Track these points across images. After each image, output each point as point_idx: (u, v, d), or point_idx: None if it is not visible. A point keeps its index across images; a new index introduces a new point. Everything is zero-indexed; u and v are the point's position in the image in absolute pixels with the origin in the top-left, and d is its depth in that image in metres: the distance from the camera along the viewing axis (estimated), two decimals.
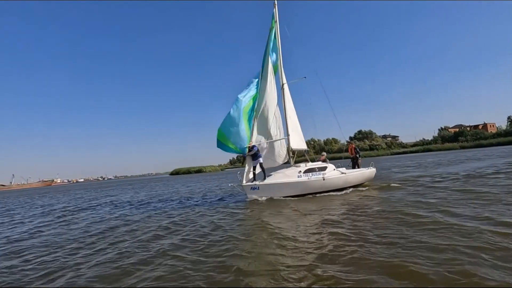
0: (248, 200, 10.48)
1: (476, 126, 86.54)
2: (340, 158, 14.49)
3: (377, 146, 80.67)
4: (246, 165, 11.03)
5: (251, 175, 10.97)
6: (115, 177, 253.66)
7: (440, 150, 64.34)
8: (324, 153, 12.83)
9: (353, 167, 12.88)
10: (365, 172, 12.09)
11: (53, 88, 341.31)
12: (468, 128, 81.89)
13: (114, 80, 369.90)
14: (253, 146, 10.94)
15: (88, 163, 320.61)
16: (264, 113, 11.55)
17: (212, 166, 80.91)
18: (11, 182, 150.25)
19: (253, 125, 11.40)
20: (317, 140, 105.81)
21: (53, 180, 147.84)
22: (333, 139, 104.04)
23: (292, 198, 10.29)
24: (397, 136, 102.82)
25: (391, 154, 70.73)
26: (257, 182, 10.70)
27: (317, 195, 10.62)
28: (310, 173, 10.87)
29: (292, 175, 10.78)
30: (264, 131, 11.64)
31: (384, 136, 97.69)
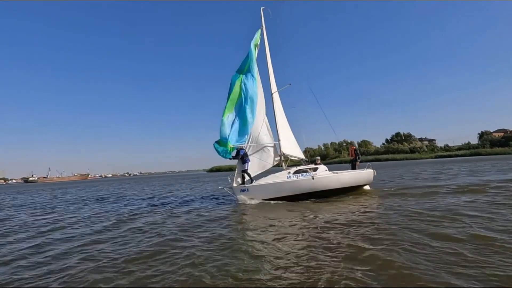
0: (238, 202, 10.38)
1: None
2: (354, 161, 13.11)
3: (418, 149, 79.32)
4: (236, 168, 11.08)
5: (240, 178, 10.87)
6: (140, 173, 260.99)
7: (490, 154, 62.69)
8: (318, 157, 12.30)
9: (353, 169, 12.40)
10: (360, 173, 11.57)
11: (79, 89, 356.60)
12: None
13: (144, 80, 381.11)
14: (240, 149, 10.78)
15: (113, 159, 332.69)
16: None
17: None
18: (47, 175, 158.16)
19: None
20: (350, 141, 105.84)
21: (88, 175, 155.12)
22: (364, 141, 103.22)
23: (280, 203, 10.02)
24: (434, 140, 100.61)
25: (435, 157, 69.50)
26: (246, 185, 10.60)
27: (308, 199, 10.29)
28: (300, 174, 10.68)
29: (282, 176, 10.68)
30: (254, 136, 11.53)
31: (421, 139, 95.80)
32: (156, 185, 30.06)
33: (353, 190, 11.23)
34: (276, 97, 12.23)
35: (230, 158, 10.99)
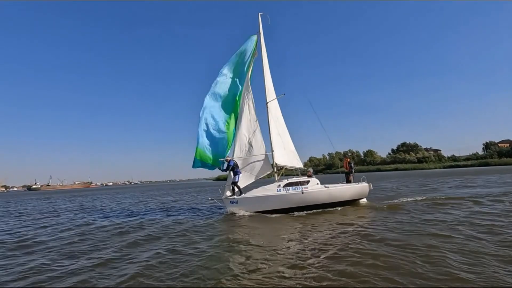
0: (226, 213, 10.54)
1: None
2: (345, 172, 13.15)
3: (426, 159, 79.58)
4: (227, 179, 11.18)
5: (230, 190, 10.93)
6: (140, 181, 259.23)
7: (500, 165, 62.93)
8: (310, 169, 12.16)
9: (347, 182, 12.34)
10: (354, 187, 11.19)
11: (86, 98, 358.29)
12: None
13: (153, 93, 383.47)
14: (230, 160, 10.83)
15: (113, 167, 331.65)
16: (243, 129, 11.45)
17: None
18: (48, 183, 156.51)
19: (234, 140, 11.38)
20: (355, 151, 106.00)
21: (91, 183, 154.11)
22: (370, 151, 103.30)
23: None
24: (439, 150, 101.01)
25: (444, 168, 69.64)
26: (236, 196, 10.64)
27: (296, 213, 10.16)
28: (290, 187, 10.49)
29: (271, 189, 10.52)
30: (244, 147, 11.48)
31: (426, 149, 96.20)
32: (184, 192, 30.07)
33: (347, 204, 10.92)
34: (272, 106, 11.99)
35: (223, 170, 10.99)
